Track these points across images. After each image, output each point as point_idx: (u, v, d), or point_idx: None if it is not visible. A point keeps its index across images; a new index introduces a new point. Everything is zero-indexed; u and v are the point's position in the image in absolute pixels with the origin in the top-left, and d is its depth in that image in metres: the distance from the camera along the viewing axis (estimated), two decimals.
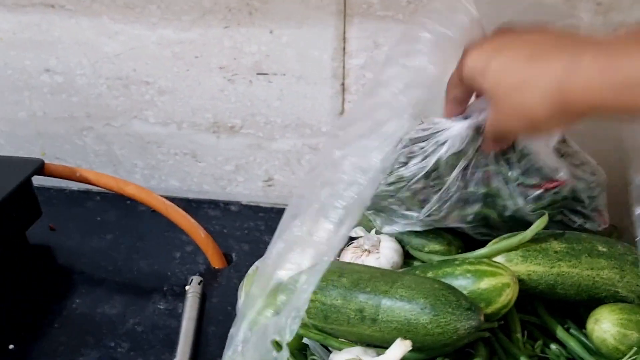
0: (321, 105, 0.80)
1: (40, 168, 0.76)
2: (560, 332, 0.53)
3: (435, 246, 0.57)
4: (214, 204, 0.90)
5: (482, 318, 0.44)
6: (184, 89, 0.82)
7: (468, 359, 0.47)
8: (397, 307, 0.44)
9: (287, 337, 0.42)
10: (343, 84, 0.78)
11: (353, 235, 0.59)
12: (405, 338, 0.42)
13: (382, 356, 0.42)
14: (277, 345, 0.42)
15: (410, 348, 0.41)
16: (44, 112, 0.87)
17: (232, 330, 0.51)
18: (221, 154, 0.86)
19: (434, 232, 0.58)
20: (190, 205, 0.88)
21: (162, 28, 0.78)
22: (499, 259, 0.54)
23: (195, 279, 0.73)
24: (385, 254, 0.56)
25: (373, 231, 0.60)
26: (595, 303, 0.53)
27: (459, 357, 0.47)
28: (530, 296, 0.55)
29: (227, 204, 0.89)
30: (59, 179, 0.79)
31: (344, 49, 0.75)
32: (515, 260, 0.54)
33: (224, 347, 0.51)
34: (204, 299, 0.72)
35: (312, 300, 0.48)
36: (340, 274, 0.49)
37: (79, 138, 0.89)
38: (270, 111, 0.81)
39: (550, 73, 0.42)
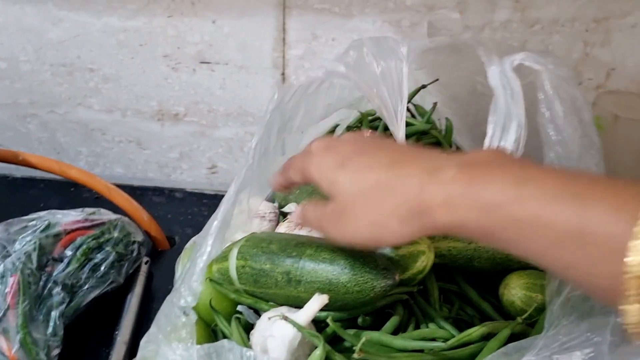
0: (262, 94, 0.83)
1: None
2: (474, 297, 0.57)
3: None
4: (158, 190, 0.91)
5: (397, 278, 0.48)
6: (129, 76, 0.83)
7: (387, 319, 0.51)
8: (319, 268, 0.47)
9: (191, 301, 0.46)
10: (283, 74, 0.81)
11: (287, 210, 0.62)
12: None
13: (301, 310, 0.45)
14: (184, 313, 0.45)
15: (327, 301, 0.44)
16: None
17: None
18: (166, 141, 0.89)
19: None
20: (134, 192, 0.89)
21: (107, 16, 0.80)
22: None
23: (144, 259, 0.76)
24: None
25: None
26: (509, 273, 0.58)
27: (379, 317, 0.51)
28: (450, 269, 0.60)
29: (171, 190, 0.91)
30: (2, 165, 0.80)
31: (283, 39, 0.79)
32: (437, 237, 0.59)
33: None
34: (150, 277, 0.75)
35: (242, 266, 0.51)
36: (270, 242, 0.52)
37: (22, 125, 0.89)
38: (213, 99, 0.84)
39: (409, 183, 0.39)
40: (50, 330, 0.61)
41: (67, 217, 0.69)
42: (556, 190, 0.33)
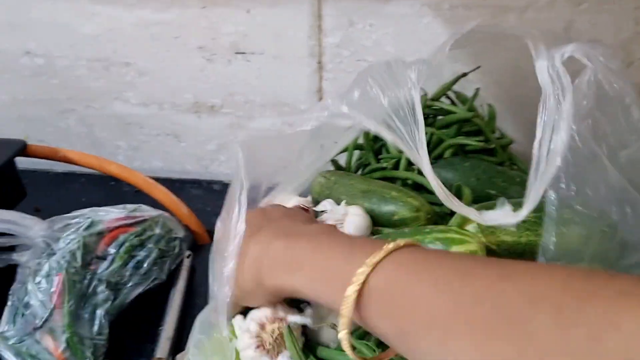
0: (298, 84, 0.81)
1: (23, 149, 0.77)
2: None
3: (405, 213, 0.59)
4: (197, 183, 0.91)
5: None
6: (164, 69, 0.83)
7: None
8: None
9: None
10: (320, 62, 0.79)
11: (321, 208, 0.61)
12: None
13: None
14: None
15: None
16: (25, 95, 0.88)
17: None
18: (202, 133, 0.88)
19: (402, 200, 0.60)
20: (173, 185, 0.89)
21: (140, 9, 0.79)
22: (470, 228, 0.56)
23: (186, 253, 0.76)
24: (350, 226, 0.57)
25: (343, 203, 0.62)
26: None
27: None
28: None
29: (209, 183, 0.91)
30: (43, 161, 0.80)
31: (319, 27, 0.77)
32: (486, 231, 0.57)
33: None
34: (192, 272, 0.75)
35: None
36: None
37: (61, 120, 0.90)
38: (249, 90, 0.83)
39: (254, 248, 0.46)
40: (95, 328, 0.62)
41: (110, 215, 0.69)
42: (341, 257, 0.41)
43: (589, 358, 0.28)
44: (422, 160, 0.54)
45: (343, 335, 0.39)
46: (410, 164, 0.67)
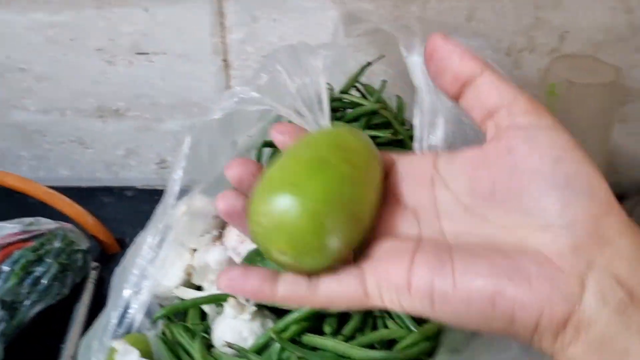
0: (206, 83, 0.79)
1: None
2: None
3: None
4: (107, 190, 0.88)
5: None
6: (63, 74, 0.79)
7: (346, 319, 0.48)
8: None
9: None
10: (225, 60, 0.77)
11: None
12: None
13: None
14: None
15: None
16: None
17: None
18: (110, 139, 0.85)
19: None
20: (83, 194, 0.85)
21: (33, 11, 0.75)
22: None
23: (92, 265, 0.72)
24: None
25: None
26: None
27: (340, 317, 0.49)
28: None
29: (121, 189, 0.88)
30: None
31: (221, 24, 0.75)
32: None
33: None
34: (101, 284, 0.71)
35: None
36: None
37: None
38: (154, 92, 0.80)
39: None
40: None
41: (3, 230, 0.65)
42: None
43: None
44: None
45: None
46: None
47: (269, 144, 0.71)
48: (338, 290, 0.29)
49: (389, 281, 0.28)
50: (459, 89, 0.31)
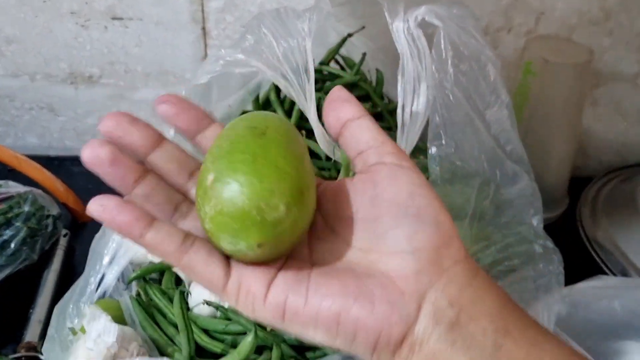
0: (183, 52, 0.78)
1: None
2: None
3: None
4: (77, 160, 0.85)
5: None
6: (34, 37, 0.77)
7: None
8: None
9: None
10: (204, 29, 0.76)
11: None
12: None
13: None
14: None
15: None
16: None
17: None
18: (81, 106, 0.82)
19: None
20: (52, 163, 0.83)
21: None
22: None
23: (62, 232, 0.70)
24: None
25: None
26: None
27: None
28: None
29: None
30: None
31: None
32: None
33: None
34: (70, 252, 0.70)
35: None
36: None
37: None
38: (129, 59, 0.78)
39: None
40: None
41: None
42: None
43: None
44: (310, 109, 0.53)
45: None
46: (298, 129, 0.66)
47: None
48: (201, 268, 0.30)
49: (248, 289, 0.30)
50: (340, 128, 0.34)
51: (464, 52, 0.54)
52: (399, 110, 0.51)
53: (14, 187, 0.66)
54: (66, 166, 0.84)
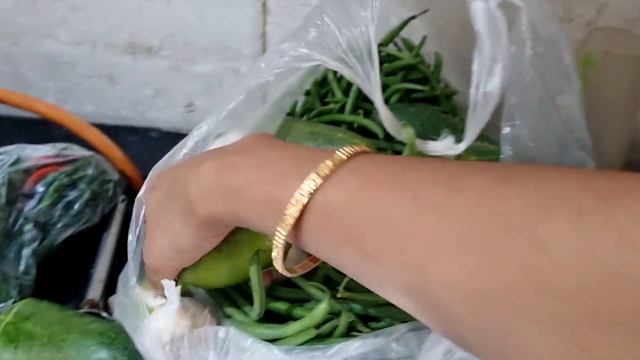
0: (242, 27, 0.79)
1: None
2: None
3: None
4: (132, 130, 0.87)
5: None
6: (98, 5, 0.78)
7: None
8: None
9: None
10: (264, 5, 0.77)
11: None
12: None
13: None
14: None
15: None
16: None
17: None
18: (139, 77, 0.84)
19: (349, 141, 0.60)
20: (107, 132, 0.84)
21: None
22: None
23: (120, 197, 0.72)
24: None
25: None
26: None
27: None
28: None
29: (146, 130, 0.87)
30: None
31: None
32: None
33: None
34: (126, 217, 0.72)
35: None
36: None
37: None
38: (189, 32, 0.79)
39: (181, 180, 0.39)
40: (22, 268, 0.58)
41: (38, 152, 0.65)
42: (285, 170, 0.34)
43: (623, 268, 0.22)
44: (376, 93, 0.53)
45: (275, 255, 0.35)
46: (356, 109, 0.67)
47: (307, 93, 0.71)
48: None
49: None
50: None
51: (543, 34, 0.54)
52: (472, 90, 0.51)
53: (78, 151, 0.68)
54: (121, 135, 0.86)
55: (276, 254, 0.35)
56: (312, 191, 0.32)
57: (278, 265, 0.36)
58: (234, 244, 0.43)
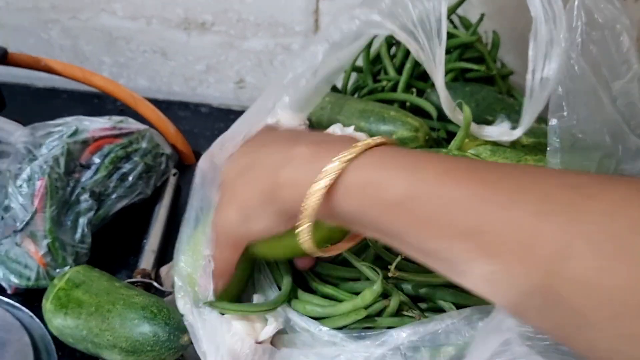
0: (294, 4, 0.78)
1: (3, 56, 0.74)
2: None
3: (404, 133, 0.58)
4: (183, 105, 0.88)
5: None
6: None
7: None
8: None
9: None
10: None
11: (329, 132, 0.59)
12: None
13: None
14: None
15: None
16: (7, 2, 0.84)
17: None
18: (192, 52, 0.85)
19: (401, 120, 0.59)
20: (159, 106, 0.86)
21: None
22: (470, 152, 0.55)
23: (172, 171, 0.73)
24: None
25: (351, 128, 0.60)
26: None
27: None
28: None
29: (197, 105, 0.88)
30: (23, 74, 0.77)
31: None
32: (484, 154, 0.56)
33: None
34: (178, 190, 0.73)
35: None
36: None
37: (44, 31, 0.86)
38: (243, 7, 0.79)
39: (268, 161, 0.38)
40: (78, 236, 0.60)
41: (95, 124, 0.66)
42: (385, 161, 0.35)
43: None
44: (438, 73, 0.52)
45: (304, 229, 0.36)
46: (408, 87, 0.65)
47: (358, 70, 0.70)
48: None
49: None
50: None
51: (598, 19, 0.52)
52: (528, 76, 0.50)
53: (133, 124, 0.69)
54: (173, 110, 0.87)
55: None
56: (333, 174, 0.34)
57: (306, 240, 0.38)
58: None
